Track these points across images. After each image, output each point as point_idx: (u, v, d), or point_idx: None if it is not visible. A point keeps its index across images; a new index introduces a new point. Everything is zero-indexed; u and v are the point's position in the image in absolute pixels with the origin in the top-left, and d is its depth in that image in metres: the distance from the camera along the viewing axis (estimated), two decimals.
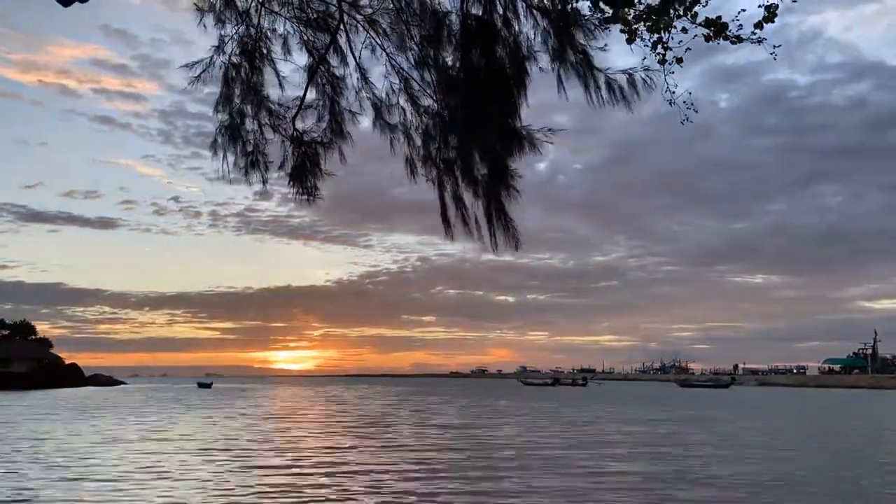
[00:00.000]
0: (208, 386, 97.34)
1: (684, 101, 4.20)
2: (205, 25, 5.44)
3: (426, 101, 5.52)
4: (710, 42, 3.88)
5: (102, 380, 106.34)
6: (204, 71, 5.55)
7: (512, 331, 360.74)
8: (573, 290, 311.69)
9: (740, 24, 3.83)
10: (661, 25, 3.87)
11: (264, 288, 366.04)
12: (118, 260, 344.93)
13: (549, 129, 5.01)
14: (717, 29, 3.85)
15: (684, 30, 3.93)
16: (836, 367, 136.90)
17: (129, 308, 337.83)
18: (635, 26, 3.93)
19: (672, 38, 3.97)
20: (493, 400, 54.76)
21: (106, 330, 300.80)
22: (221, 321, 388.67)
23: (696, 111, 4.16)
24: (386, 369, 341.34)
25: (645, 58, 4.16)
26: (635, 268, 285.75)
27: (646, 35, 3.98)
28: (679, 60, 4.04)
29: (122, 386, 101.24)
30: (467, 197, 5.34)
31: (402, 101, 5.64)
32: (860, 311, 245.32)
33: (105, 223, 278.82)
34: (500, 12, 4.81)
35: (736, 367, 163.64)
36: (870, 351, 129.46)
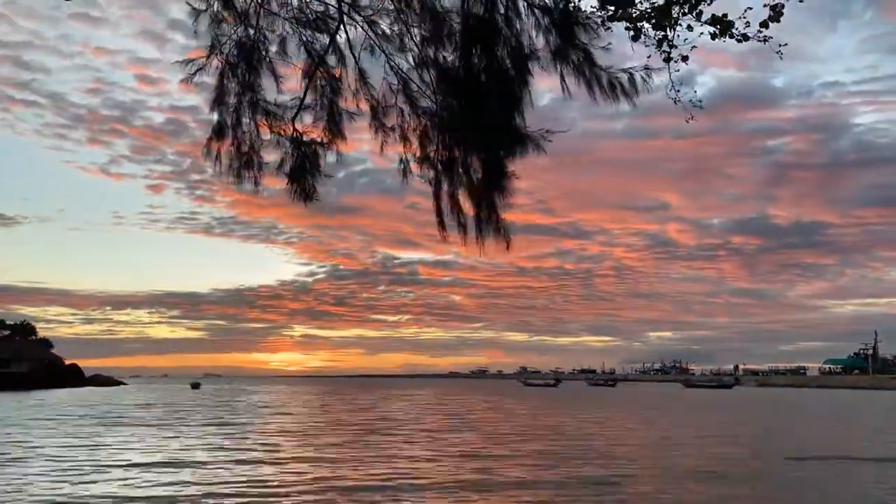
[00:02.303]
0: (197, 387, 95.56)
1: (690, 100, 4.14)
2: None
3: (425, 103, 5.46)
4: (716, 40, 3.82)
5: (103, 380, 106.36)
6: (200, 69, 5.49)
7: (487, 331, 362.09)
8: (522, 289, 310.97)
9: (748, 22, 3.77)
10: (666, 23, 3.81)
11: (216, 289, 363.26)
12: (29, 257, 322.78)
13: (548, 131, 4.93)
14: (722, 27, 3.79)
15: (689, 28, 3.87)
16: (837, 368, 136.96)
17: (88, 308, 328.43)
18: (640, 24, 3.87)
19: (678, 36, 3.91)
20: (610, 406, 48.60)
21: (82, 332, 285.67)
22: (191, 321, 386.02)
23: (703, 107, 4.11)
24: (380, 370, 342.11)
25: (650, 56, 4.09)
26: (572, 264, 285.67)
27: (651, 33, 3.92)
28: (685, 58, 3.98)
29: (123, 387, 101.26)
30: (463, 198, 5.29)
31: (400, 102, 5.58)
32: (814, 309, 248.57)
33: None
34: (502, 12, 4.75)
35: (736, 367, 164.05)
36: (870, 351, 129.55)
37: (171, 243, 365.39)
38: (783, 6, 3.66)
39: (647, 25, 3.90)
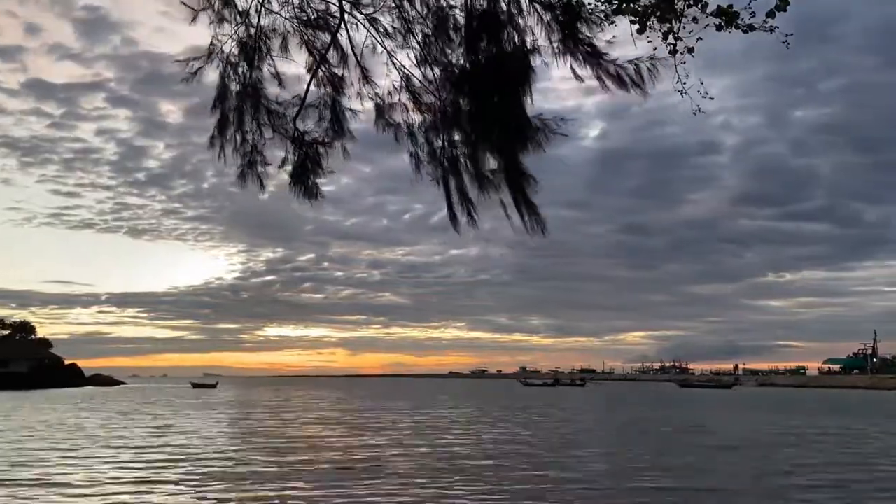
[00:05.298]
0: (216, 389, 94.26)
1: (698, 91, 4.13)
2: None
3: (428, 99, 5.45)
4: (722, 31, 3.82)
5: (102, 380, 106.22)
6: (200, 69, 5.49)
7: (455, 330, 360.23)
8: (437, 287, 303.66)
9: (753, 13, 3.77)
10: (671, 16, 3.81)
11: (153, 289, 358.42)
12: None
13: (562, 118, 4.90)
14: (728, 18, 3.80)
15: (695, 19, 3.87)
16: (836, 368, 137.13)
17: (31, 307, 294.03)
18: (645, 17, 3.87)
19: (683, 28, 3.91)
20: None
21: (61, 331, 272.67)
22: (150, 321, 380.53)
23: (712, 98, 4.10)
24: (369, 370, 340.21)
25: (655, 48, 4.10)
26: (474, 263, 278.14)
27: (656, 25, 3.93)
28: (690, 50, 3.99)
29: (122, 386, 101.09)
30: (473, 193, 5.27)
31: (403, 99, 5.58)
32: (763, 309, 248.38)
33: None
34: (504, 8, 4.75)
35: (736, 367, 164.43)
36: (869, 351, 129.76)
37: (62, 240, 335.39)
38: None
39: (651, 18, 3.90)
